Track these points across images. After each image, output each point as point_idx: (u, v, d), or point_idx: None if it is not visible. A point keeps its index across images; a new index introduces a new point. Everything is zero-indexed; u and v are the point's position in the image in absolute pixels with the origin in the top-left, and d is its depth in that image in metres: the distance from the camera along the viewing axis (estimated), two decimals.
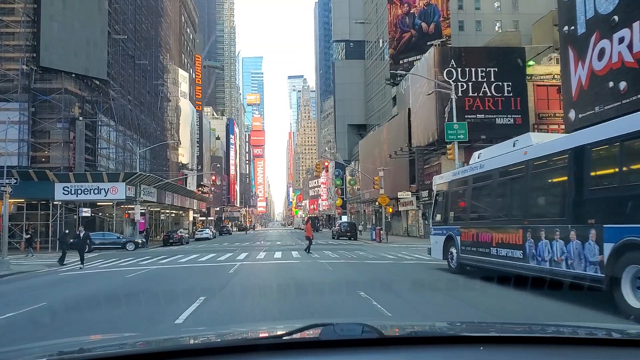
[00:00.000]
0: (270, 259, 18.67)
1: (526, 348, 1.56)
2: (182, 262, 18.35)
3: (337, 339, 1.51)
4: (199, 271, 14.91)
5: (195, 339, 2.01)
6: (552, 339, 1.69)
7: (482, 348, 1.51)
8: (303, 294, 9.75)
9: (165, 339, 1.96)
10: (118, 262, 19.43)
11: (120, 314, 8.00)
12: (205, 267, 16.36)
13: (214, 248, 30.18)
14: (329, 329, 1.54)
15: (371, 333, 1.53)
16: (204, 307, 7.98)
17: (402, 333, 1.86)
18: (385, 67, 71.05)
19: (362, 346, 1.51)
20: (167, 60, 58.92)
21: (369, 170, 55.43)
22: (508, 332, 1.87)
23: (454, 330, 2.01)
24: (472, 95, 36.38)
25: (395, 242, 35.39)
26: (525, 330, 1.93)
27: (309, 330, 1.65)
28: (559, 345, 1.60)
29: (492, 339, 1.66)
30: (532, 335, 1.75)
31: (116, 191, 32.72)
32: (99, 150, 36.81)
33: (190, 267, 16.25)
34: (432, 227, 14.58)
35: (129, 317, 7.66)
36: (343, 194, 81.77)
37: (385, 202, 35.31)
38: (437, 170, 38.47)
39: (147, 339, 1.98)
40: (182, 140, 65.16)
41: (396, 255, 21.03)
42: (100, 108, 36.19)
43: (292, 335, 1.62)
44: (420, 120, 40.16)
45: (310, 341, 1.56)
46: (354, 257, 19.43)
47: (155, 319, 7.30)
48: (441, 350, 1.53)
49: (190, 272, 14.66)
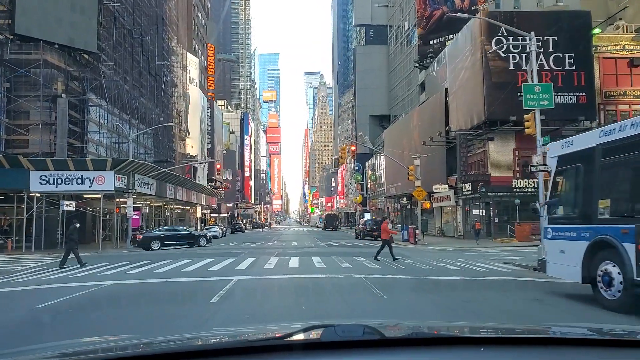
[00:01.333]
0: (283, 271, 13.10)
1: (527, 349, 1.54)
2: (158, 274, 12.94)
3: (338, 340, 1.49)
4: (166, 297, 9.18)
5: (196, 341, 1.92)
6: (553, 339, 1.68)
7: (482, 349, 1.49)
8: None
9: (166, 341, 1.84)
10: (71, 273, 14.05)
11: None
12: (184, 285, 10.86)
13: (217, 250, 24.87)
14: (329, 330, 1.53)
15: (372, 334, 1.53)
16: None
17: (403, 334, 1.82)
18: (411, 51, 65.27)
19: (364, 347, 1.49)
20: (175, 43, 53.88)
21: (396, 162, 49.59)
22: (509, 333, 1.88)
23: (455, 331, 2.00)
24: (525, 69, 30.23)
25: (432, 243, 29.64)
26: (526, 331, 1.93)
27: (310, 331, 1.64)
28: (560, 346, 1.57)
29: (493, 339, 1.67)
30: (533, 337, 1.75)
31: (103, 181, 27.58)
32: (87, 135, 31.76)
33: (159, 287, 10.61)
34: (550, 227, 8.74)
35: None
36: (363, 190, 76.06)
37: (422, 195, 29.58)
38: (482, 160, 32.55)
39: (149, 340, 1.85)
40: (191, 130, 60.15)
41: (455, 263, 15.39)
42: (89, 85, 31.12)
43: (292, 337, 1.61)
44: (461, 101, 34.24)
45: (311, 343, 1.54)
46: (401, 268, 13.83)
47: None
48: (442, 352, 1.50)
49: (148, 300, 8.88)
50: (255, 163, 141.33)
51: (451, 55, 36.97)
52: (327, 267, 14.03)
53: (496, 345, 1.56)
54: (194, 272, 13.15)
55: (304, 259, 17.11)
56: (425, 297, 8.91)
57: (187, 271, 13.53)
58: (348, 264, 14.98)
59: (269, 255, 19.19)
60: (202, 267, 14.66)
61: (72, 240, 16.85)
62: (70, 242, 16.82)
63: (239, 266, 14.60)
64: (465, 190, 34.17)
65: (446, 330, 2.01)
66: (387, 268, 13.91)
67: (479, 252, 21.41)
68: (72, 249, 16.52)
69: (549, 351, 1.53)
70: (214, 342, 1.89)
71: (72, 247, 16.59)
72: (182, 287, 10.64)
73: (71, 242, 16.81)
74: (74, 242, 16.65)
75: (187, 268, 14.27)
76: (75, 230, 17.43)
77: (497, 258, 18.35)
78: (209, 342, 1.90)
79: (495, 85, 30.20)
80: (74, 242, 16.76)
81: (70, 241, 16.86)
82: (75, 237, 17.05)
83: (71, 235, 17.07)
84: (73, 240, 16.82)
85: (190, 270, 13.64)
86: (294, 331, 1.65)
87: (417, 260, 16.63)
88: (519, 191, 30.76)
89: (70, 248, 16.64)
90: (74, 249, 16.54)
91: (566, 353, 1.51)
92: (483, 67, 30.35)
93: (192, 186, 47.25)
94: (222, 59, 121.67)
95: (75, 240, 16.94)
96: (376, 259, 15.89)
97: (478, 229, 30.16)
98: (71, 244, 16.75)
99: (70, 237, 17.06)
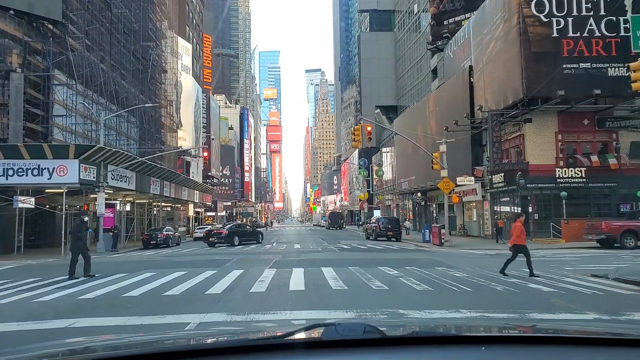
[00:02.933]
0: (280, 301, 7.87)
1: (528, 348, 1.52)
2: (81, 300, 8.07)
3: (339, 339, 1.46)
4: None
5: (197, 339, 1.96)
6: (554, 338, 1.65)
7: (484, 348, 1.47)
8: None
9: (167, 340, 1.86)
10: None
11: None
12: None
13: (200, 257, 20.04)
14: (330, 329, 1.50)
15: (373, 333, 1.50)
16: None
17: (404, 333, 1.74)
18: (420, 37, 60.45)
19: (364, 346, 1.47)
20: (165, 26, 49.05)
21: (409, 153, 44.71)
22: (510, 331, 1.86)
23: (456, 330, 1.96)
24: (572, 37, 25.37)
25: (461, 245, 24.75)
26: (527, 330, 1.94)
27: (310, 330, 1.62)
28: (561, 344, 1.55)
29: (494, 338, 1.64)
30: (534, 335, 1.74)
31: (65, 171, 22.75)
32: (53, 119, 26.91)
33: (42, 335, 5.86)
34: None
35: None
36: (369, 187, 71.26)
37: (449, 188, 24.70)
38: (518, 145, 27.66)
39: (149, 340, 1.87)
40: (184, 122, 55.35)
41: (542, 281, 10.49)
42: (54, 60, 26.26)
43: (293, 336, 1.59)
44: (490, 78, 29.30)
45: (312, 341, 1.51)
46: (452, 286, 9.14)
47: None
48: (443, 350, 1.49)
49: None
50: (256, 160, 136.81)
51: (476, 27, 32.01)
52: (350, 289, 9.11)
53: (498, 344, 1.53)
54: (136, 302, 8.22)
55: (312, 272, 12.22)
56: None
57: (127, 298, 8.59)
58: (378, 281, 10.10)
59: (264, 265, 14.30)
60: (157, 288, 9.73)
61: (79, 239, 12.64)
62: (77, 242, 12.55)
63: (213, 287, 9.67)
64: (497, 182, 29.24)
65: (447, 329, 1.95)
66: (432, 284, 9.05)
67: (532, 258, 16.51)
68: (79, 250, 12.36)
69: (550, 350, 1.50)
70: (214, 341, 1.86)
71: (80, 248, 12.40)
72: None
73: (77, 241, 12.56)
74: (81, 243, 12.60)
75: (133, 292, 9.33)
76: (81, 226, 13.14)
77: (559, 265, 13.63)
78: (210, 342, 1.86)
79: (536, 56, 25.27)
80: (80, 241, 12.71)
81: (76, 240, 12.58)
82: (81, 237, 12.86)
83: (77, 233, 12.77)
84: (80, 240, 12.64)
85: (135, 297, 8.70)
86: (295, 330, 1.63)
87: (466, 272, 11.78)
88: (564, 182, 25.87)
89: (80, 248, 12.40)
90: (81, 250, 12.36)
91: (567, 352, 1.48)
92: (520, 35, 25.41)
93: (182, 181, 42.35)
94: (221, 54, 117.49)
95: (82, 240, 12.88)
96: (504, 274, 10.93)
97: (500, 227, 26.55)
98: (79, 244, 12.50)
99: (76, 234, 12.75)
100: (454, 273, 11.70)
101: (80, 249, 12.47)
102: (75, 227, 13.25)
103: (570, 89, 24.77)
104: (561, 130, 26.46)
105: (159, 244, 28.80)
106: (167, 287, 9.82)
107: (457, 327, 2.19)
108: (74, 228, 13.35)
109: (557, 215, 25.47)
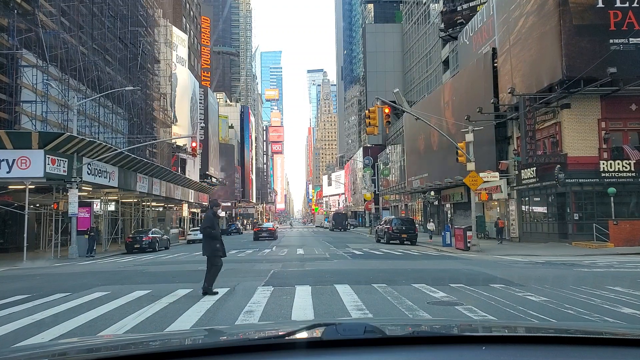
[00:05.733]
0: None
1: (529, 348, 1.50)
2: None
3: (340, 338, 1.46)
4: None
5: (198, 339, 1.93)
6: (555, 338, 1.62)
7: (484, 348, 1.44)
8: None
9: (168, 339, 1.86)
10: None
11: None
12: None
13: (182, 265, 16.58)
14: (331, 328, 1.50)
15: (374, 333, 1.49)
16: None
17: (404, 333, 1.78)
18: (429, 28, 57.05)
19: (365, 346, 1.45)
20: (158, 14, 45.70)
21: (421, 149, 41.23)
22: (510, 331, 1.85)
23: (457, 330, 1.93)
24: (620, 7, 21.85)
25: (490, 249, 21.21)
26: (528, 330, 1.90)
27: (311, 330, 1.63)
28: (562, 345, 1.52)
29: (494, 338, 1.63)
30: (534, 335, 1.71)
31: (27, 164, 19.34)
32: (20, 105, 23.48)
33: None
34: None
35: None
36: (375, 186, 67.78)
37: (478, 183, 21.19)
38: (554, 135, 24.15)
39: (148, 339, 1.84)
40: (179, 117, 51.98)
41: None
42: (20, 37, 22.83)
43: (294, 335, 1.58)
44: (519, 59, 25.75)
45: (313, 341, 1.50)
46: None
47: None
48: (444, 350, 1.47)
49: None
50: (257, 160, 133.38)
51: (501, 4, 28.48)
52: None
53: (498, 344, 1.52)
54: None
55: (322, 292, 8.73)
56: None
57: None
58: (428, 314, 6.63)
59: (258, 280, 10.81)
60: (86, 326, 6.27)
61: (214, 237, 9.17)
62: (213, 243, 9.21)
63: (174, 324, 6.21)
64: (526, 178, 25.72)
65: (448, 329, 1.91)
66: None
67: (589, 267, 12.98)
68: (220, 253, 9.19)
69: (550, 350, 1.48)
70: (215, 340, 1.79)
71: (219, 251, 9.21)
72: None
73: (213, 241, 9.18)
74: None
75: (40, 334, 5.88)
76: (214, 220, 9.30)
77: (632, 279, 10.22)
78: (212, 341, 1.80)
79: (578, 30, 21.76)
80: (218, 240, 9.20)
81: (212, 240, 9.20)
82: (216, 233, 9.20)
83: (211, 230, 9.11)
84: (216, 238, 9.18)
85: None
86: (296, 330, 1.62)
87: (573, 305, 8.28)
88: (610, 177, 22.36)
89: (216, 252, 9.18)
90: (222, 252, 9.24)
91: (568, 352, 1.46)
92: (560, 5, 21.89)
93: (175, 179, 38.88)
94: (221, 52, 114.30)
95: (217, 236, 9.21)
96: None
97: (501, 227, 25.99)
98: (214, 244, 9.21)
99: (209, 231, 9.13)
100: (526, 295, 8.20)
101: (220, 252, 9.03)
102: (208, 222, 9.27)
103: (617, 69, 21.26)
104: (605, 117, 22.92)
105: (143, 248, 25.34)
106: (103, 324, 6.34)
107: (458, 327, 2.09)
108: (206, 223, 9.29)
109: (601, 215, 21.94)
